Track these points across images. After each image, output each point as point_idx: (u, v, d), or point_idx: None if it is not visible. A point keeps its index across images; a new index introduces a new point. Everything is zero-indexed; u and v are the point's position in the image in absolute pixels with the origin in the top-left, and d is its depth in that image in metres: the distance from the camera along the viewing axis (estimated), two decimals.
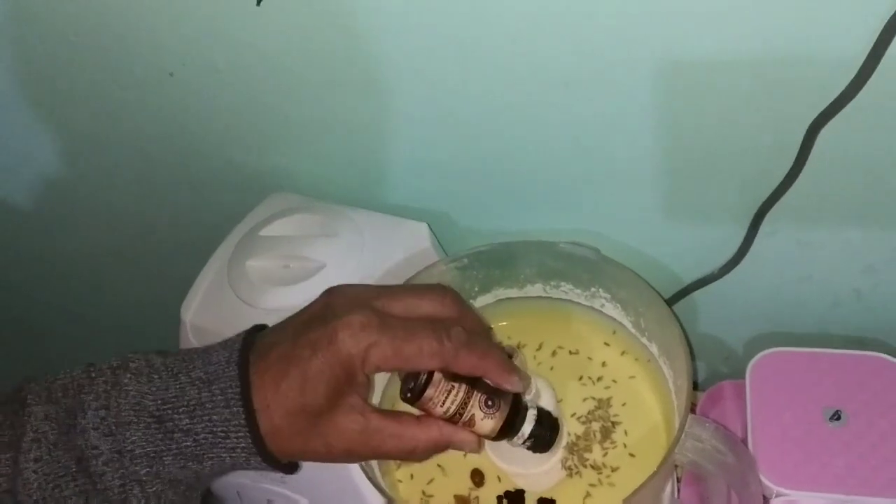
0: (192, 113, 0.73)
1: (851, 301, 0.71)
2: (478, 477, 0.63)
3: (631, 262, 0.64)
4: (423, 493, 0.63)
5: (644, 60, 0.58)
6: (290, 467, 0.49)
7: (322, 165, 0.75)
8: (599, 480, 0.61)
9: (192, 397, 0.45)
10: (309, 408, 0.45)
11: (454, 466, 0.64)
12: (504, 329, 0.71)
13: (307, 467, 0.65)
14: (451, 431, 0.49)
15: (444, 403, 0.48)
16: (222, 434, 0.45)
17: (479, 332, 0.50)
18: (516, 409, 0.51)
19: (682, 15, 0.54)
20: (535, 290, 0.69)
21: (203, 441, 0.45)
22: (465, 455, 0.64)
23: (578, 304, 0.68)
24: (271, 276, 0.66)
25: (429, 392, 0.48)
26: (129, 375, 0.46)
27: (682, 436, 0.53)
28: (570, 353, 0.68)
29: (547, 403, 0.59)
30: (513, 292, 0.70)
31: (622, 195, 0.69)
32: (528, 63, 0.60)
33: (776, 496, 0.62)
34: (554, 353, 0.68)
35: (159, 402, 0.45)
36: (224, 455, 0.46)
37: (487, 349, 0.49)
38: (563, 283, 0.68)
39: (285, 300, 0.64)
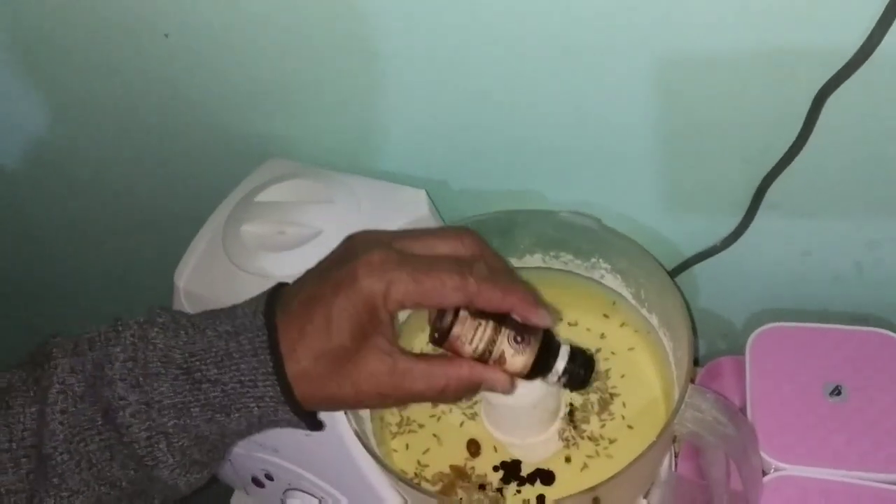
0: (188, 77, 0.72)
1: (852, 276, 0.71)
2: (474, 447, 0.62)
3: (632, 234, 0.64)
4: (419, 462, 0.62)
5: (647, 29, 0.57)
6: (317, 424, 0.49)
7: (319, 132, 0.74)
8: (597, 452, 0.61)
9: (219, 349, 0.45)
10: (335, 349, 0.45)
11: (450, 437, 0.63)
12: None
13: (299, 436, 0.65)
14: (482, 369, 0.48)
15: (472, 341, 0.48)
16: (250, 383, 0.45)
17: (501, 269, 0.50)
18: (548, 345, 0.49)
19: None
20: (535, 260, 0.68)
21: (231, 391, 0.45)
22: (461, 425, 0.63)
23: (578, 275, 0.68)
24: (266, 241, 0.65)
25: (455, 330, 0.47)
26: (156, 329, 0.46)
27: (682, 406, 0.52)
28: (569, 324, 0.68)
29: None
30: (512, 262, 0.69)
31: (623, 167, 0.68)
32: (528, 31, 0.59)
33: (774, 471, 0.62)
34: None
35: (187, 354, 0.46)
36: (252, 405, 0.45)
37: (511, 283, 0.48)
38: (562, 254, 0.67)
39: (280, 266, 0.63)
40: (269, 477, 0.69)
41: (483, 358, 0.48)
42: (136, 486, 0.46)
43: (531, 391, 0.58)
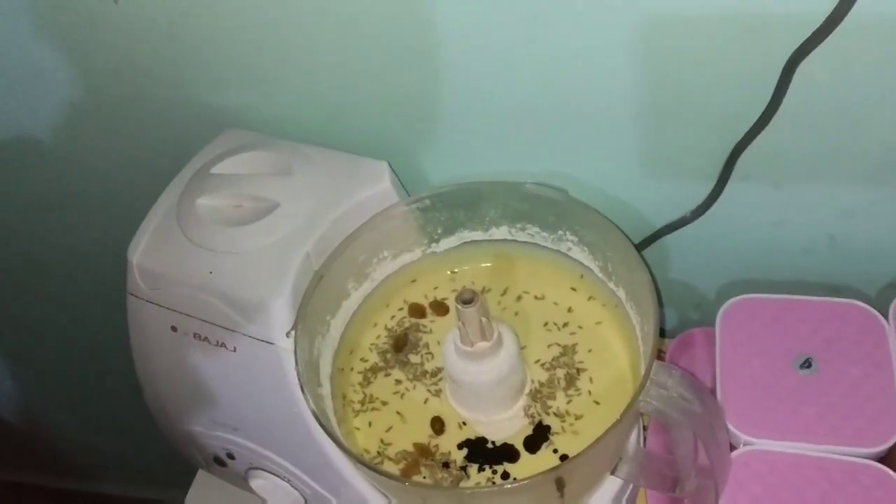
0: (142, 45, 0.69)
1: (825, 247, 0.70)
2: (438, 424, 0.61)
3: (601, 205, 0.62)
4: (382, 441, 0.61)
5: None
6: None
7: (277, 102, 0.72)
8: (563, 428, 0.60)
9: None
10: None
11: (414, 414, 0.62)
12: (468, 273, 0.69)
13: (259, 415, 0.63)
14: None
15: None
16: None
17: None
18: None
19: None
20: (501, 232, 0.67)
21: None
22: (425, 402, 0.62)
23: (545, 247, 0.66)
24: (222, 215, 0.63)
25: None
26: None
27: (647, 383, 0.51)
28: (536, 298, 0.66)
29: (509, 350, 0.58)
30: (477, 235, 0.67)
31: (592, 136, 0.66)
32: None
33: (744, 445, 0.61)
34: (519, 298, 0.67)
35: None
36: None
37: None
38: (529, 226, 0.66)
39: (236, 241, 0.61)
40: (231, 456, 0.68)
41: None
42: None
43: (495, 368, 0.57)
